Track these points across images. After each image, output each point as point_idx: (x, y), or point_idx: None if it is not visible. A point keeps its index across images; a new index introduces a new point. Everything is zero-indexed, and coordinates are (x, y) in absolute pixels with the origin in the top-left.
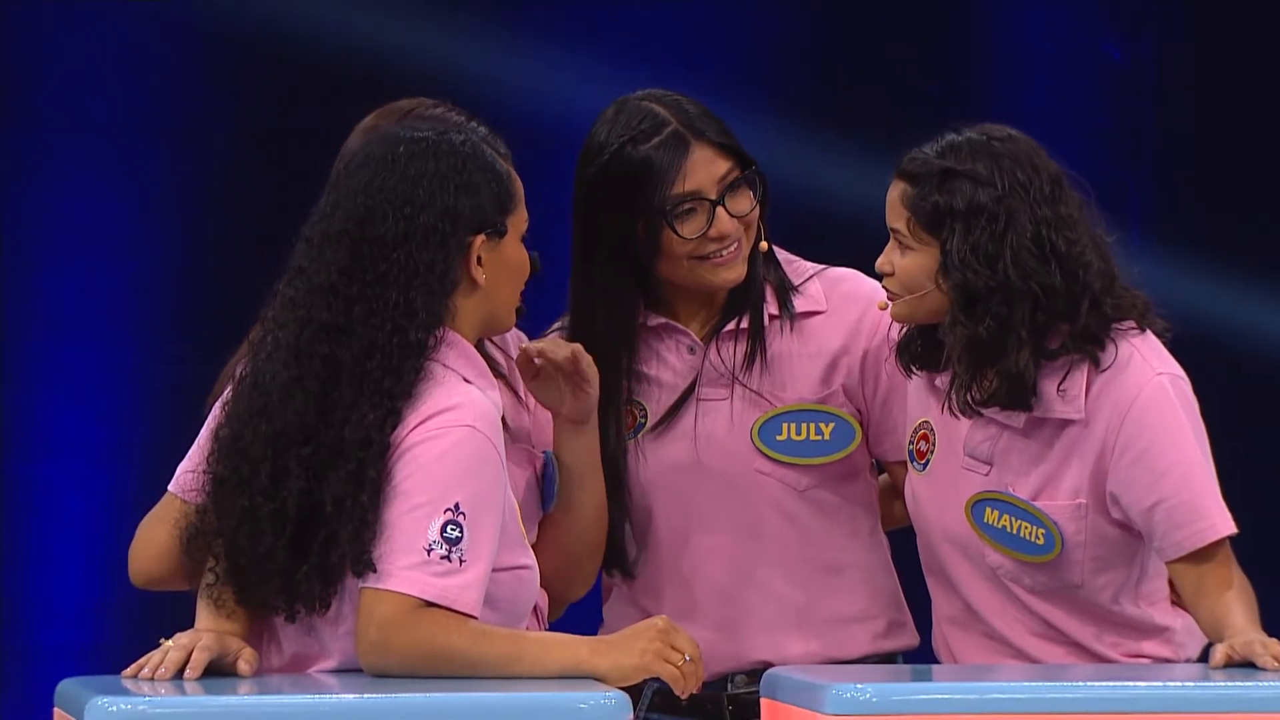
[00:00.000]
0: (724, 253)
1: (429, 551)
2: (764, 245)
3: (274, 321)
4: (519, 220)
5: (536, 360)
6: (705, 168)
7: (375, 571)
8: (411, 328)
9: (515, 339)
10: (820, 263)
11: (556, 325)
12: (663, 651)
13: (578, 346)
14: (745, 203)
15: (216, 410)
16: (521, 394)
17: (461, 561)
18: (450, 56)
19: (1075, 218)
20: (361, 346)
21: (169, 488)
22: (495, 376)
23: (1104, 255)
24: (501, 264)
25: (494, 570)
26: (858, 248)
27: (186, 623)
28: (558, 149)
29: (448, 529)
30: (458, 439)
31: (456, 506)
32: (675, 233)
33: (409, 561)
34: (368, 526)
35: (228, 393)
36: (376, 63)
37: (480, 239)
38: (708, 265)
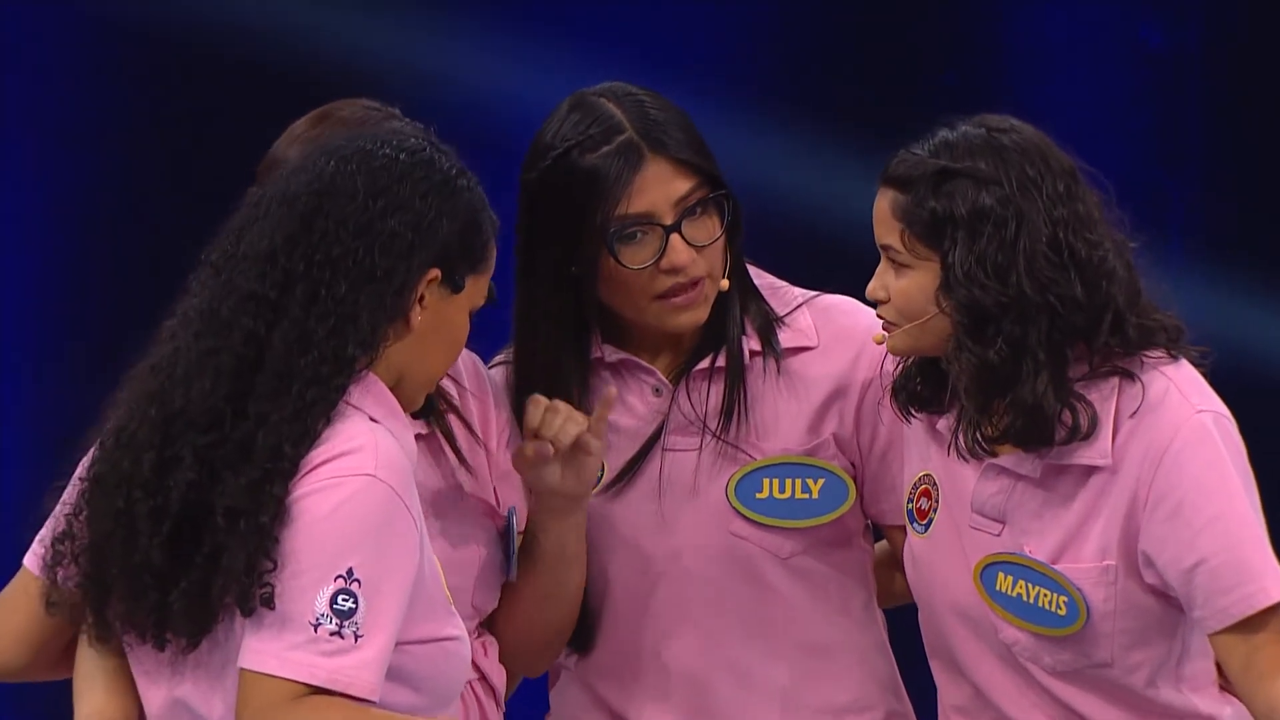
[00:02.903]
0: (681, 293)
1: (316, 627)
2: (724, 284)
3: (188, 293)
4: (476, 290)
5: (546, 449)
6: (659, 186)
7: (269, 609)
8: (350, 338)
9: (470, 361)
10: (815, 285)
11: (500, 358)
12: None
13: (583, 418)
14: (706, 231)
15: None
16: (477, 431)
17: (356, 637)
18: (390, 48)
19: (1095, 218)
20: (296, 334)
21: (24, 562)
22: (445, 409)
23: (1128, 264)
24: (442, 323)
25: (414, 643)
26: (859, 266)
27: (64, 708)
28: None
29: (339, 599)
30: (353, 490)
31: (350, 573)
32: (616, 260)
33: (293, 640)
34: (265, 555)
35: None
36: (304, 56)
37: (436, 275)
38: (658, 304)
